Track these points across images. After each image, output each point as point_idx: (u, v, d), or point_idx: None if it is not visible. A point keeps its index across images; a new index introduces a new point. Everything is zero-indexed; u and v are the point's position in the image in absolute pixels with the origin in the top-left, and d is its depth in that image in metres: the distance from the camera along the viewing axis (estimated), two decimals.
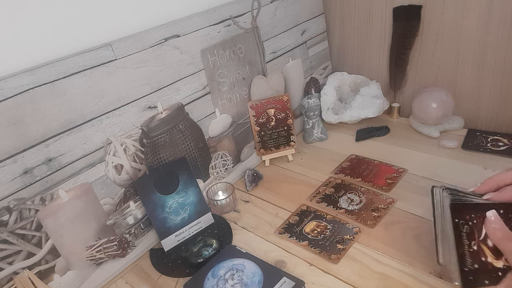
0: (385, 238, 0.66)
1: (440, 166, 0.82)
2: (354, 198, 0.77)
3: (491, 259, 0.49)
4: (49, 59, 0.58)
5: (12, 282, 0.56)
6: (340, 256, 0.64)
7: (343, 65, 1.15)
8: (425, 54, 0.97)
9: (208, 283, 0.62)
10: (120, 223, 0.68)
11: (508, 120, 0.89)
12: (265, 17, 0.90)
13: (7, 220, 0.55)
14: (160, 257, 0.71)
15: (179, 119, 0.75)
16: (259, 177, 0.88)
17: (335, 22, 1.11)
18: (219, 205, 0.79)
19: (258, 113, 0.91)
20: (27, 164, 0.56)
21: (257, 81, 0.90)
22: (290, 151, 0.93)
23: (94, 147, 0.64)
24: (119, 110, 0.66)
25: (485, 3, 0.83)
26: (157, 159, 0.73)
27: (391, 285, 0.58)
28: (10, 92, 0.53)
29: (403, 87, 1.04)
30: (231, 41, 0.83)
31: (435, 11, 0.91)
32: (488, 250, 0.50)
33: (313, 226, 0.71)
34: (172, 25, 0.72)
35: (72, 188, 0.62)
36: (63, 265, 0.61)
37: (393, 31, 0.99)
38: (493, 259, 0.49)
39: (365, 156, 0.90)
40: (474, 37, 0.87)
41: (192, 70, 0.76)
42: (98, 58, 0.62)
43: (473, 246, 0.50)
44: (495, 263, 0.49)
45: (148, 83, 0.69)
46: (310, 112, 0.97)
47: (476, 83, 0.91)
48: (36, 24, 0.57)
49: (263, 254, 0.67)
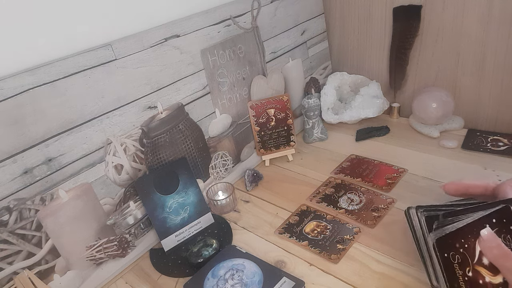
0: (385, 238, 0.66)
1: (440, 166, 0.82)
2: (354, 198, 0.77)
3: (489, 278, 0.47)
4: (49, 59, 0.58)
5: (12, 282, 0.56)
6: (340, 256, 0.64)
7: (343, 65, 1.15)
8: (425, 54, 0.97)
9: (208, 283, 0.62)
10: (120, 223, 0.68)
11: (508, 120, 0.89)
12: (265, 17, 0.90)
13: (7, 220, 0.55)
14: (160, 257, 0.71)
15: (179, 119, 0.75)
16: (259, 177, 0.88)
17: (335, 22, 1.11)
18: (219, 205, 0.79)
19: (258, 113, 0.91)
20: (27, 164, 0.56)
21: (257, 81, 0.90)
22: (290, 151, 0.93)
23: (94, 147, 0.64)
24: (119, 110, 0.66)
25: (485, 3, 0.83)
26: (157, 159, 0.73)
27: (391, 285, 0.58)
28: (10, 92, 0.53)
29: (403, 87, 1.04)
30: (231, 41, 0.83)
31: (435, 11, 0.91)
32: (485, 270, 0.47)
33: (313, 226, 0.71)
34: (172, 25, 0.72)
35: (72, 188, 0.62)
36: (63, 265, 0.61)
37: (393, 31, 0.99)
38: (491, 277, 0.47)
39: (365, 156, 0.90)
40: (474, 37, 0.87)
41: (192, 70, 0.76)
42: (98, 58, 0.62)
43: (468, 273, 0.48)
44: (493, 280, 0.47)
45: (148, 83, 0.69)
46: (310, 112, 0.97)
47: (476, 83, 0.91)
48: (36, 24, 0.57)
49: (263, 254, 0.67)
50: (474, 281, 0.48)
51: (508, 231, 0.48)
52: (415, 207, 0.55)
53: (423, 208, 0.54)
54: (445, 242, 0.49)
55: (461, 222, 0.49)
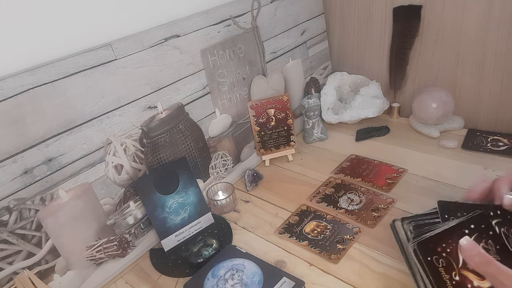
0: (385, 238, 0.66)
1: (440, 166, 0.82)
2: (354, 198, 0.77)
3: (477, 283, 0.47)
4: (49, 59, 0.58)
5: (12, 282, 0.56)
6: (340, 256, 0.64)
7: (343, 65, 1.15)
8: (425, 54, 0.97)
9: (208, 283, 0.62)
10: (120, 223, 0.68)
11: (508, 120, 0.89)
12: (265, 17, 0.90)
13: (7, 220, 0.55)
14: (160, 257, 0.71)
15: (179, 119, 0.75)
16: (259, 177, 0.88)
17: (335, 22, 1.11)
18: (219, 205, 0.79)
19: (258, 113, 0.91)
20: (27, 164, 0.56)
21: (257, 81, 0.90)
22: (290, 151, 0.93)
23: (94, 147, 0.64)
24: (119, 110, 0.66)
25: (485, 3, 0.83)
26: (157, 159, 0.73)
27: (391, 285, 0.58)
28: (10, 92, 0.53)
29: (403, 87, 1.04)
30: (231, 41, 0.83)
31: (435, 11, 0.91)
32: (472, 274, 0.48)
33: (313, 226, 0.71)
34: (172, 25, 0.72)
35: (72, 188, 0.62)
36: (63, 265, 0.61)
37: (393, 31, 0.99)
38: (479, 281, 0.47)
39: (365, 156, 0.90)
40: (474, 37, 0.87)
41: (192, 70, 0.76)
42: (98, 58, 0.62)
43: (455, 277, 0.48)
44: (482, 284, 0.47)
45: (148, 83, 0.69)
46: (310, 112, 0.97)
47: (476, 83, 0.91)
48: (36, 24, 0.57)
49: (263, 254, 0.67)
50: (462, 285, 0.47)
51: (488, 236, 0.49)
52: (400, 219, 0.55)
53: (408, 220, 0.54)
54: (426, 246, 0.49)
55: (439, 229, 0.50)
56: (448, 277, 0.48)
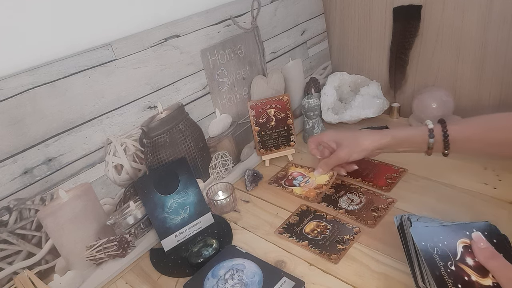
0: (385, 238, 0.66)
1: (440, 166, 0.81)
2: (354, 198, 0.77)
3: (475, 278, 0.49)
4: (49, 59, 0.58)
5: (12, 282, 0.56)
6: (340, 256, 0.64)
7: (343, 65, 1.15)
8: (425, 54, 0.97)
9: (208, 283, 0.62)
10: (120, 223, 0.68)
11: None
12: (265, 17, 0.90)
13: (7, 220, 0.55)
14: (160, 257, 0.71)
15: (179, 119, 0.75)
16: (259, 177, 0.88)
17: (335, 22, 1.11)
18: (219, 205, 0.79)
19: (258, 113, 0.91)
20: (27, 164, 0.56)
21: (257, 81, 0.90)
22: (290, 151, 0.93)
23: (94, 147, 0.64)
24: (119, 110, 0.66)
25: (485, 3, 0.83)
26: (157, 159, 0.73)
27: (391, 285, 0.58)
28: (10, 92, 0.53)
29: (403, 87, 1.04)
30: (231, 41, 0.83)
31: (435, 11, 0.91)
32: (470, 269, 0.50)
33: (313, 226, 0.71)
34: (172, 25, 0.72)
35: (72, 188, 0.62)
36: (63, 265, 0.61)
37: (393, 31, 0.99)
38: (479, 278, 0.49)
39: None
40: (474, 37, 0.87)
41: (192, 70, 0.76)
42: (98, 58, 0.62)
43: (451, 267, 0.50)
44: (481, 281, 0.49)
45: (148, 83, 0.69)
46: (310, 112, 0.97)
47: (476, 83, 0.91)
48: (36, 24, 0.57)
49: (263, 254, 0.67)
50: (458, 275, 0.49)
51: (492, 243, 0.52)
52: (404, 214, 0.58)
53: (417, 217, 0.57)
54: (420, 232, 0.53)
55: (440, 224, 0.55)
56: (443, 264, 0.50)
